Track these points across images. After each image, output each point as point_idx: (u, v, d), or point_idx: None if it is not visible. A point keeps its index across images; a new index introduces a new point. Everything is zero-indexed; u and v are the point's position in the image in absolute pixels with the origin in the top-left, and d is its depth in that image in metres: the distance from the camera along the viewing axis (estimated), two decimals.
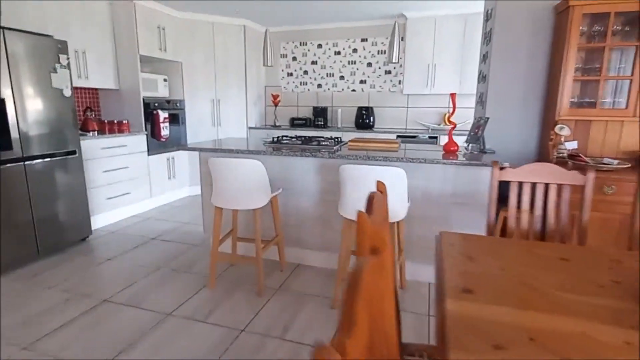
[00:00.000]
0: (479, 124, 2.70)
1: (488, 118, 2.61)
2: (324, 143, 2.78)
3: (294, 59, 5.24)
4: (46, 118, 2.85)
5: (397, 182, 2.04)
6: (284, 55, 5.28)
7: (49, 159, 2.89)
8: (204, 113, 4.79)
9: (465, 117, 4.65)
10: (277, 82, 5.39)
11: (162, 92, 4.44)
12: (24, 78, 2.68)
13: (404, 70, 4.58)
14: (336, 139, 3.04)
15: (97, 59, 3.78)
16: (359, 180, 2.06)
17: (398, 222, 2.19)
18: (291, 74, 5.29)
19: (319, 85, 5.19)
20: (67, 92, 3.01)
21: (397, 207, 2.07)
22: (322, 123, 5.00)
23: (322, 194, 2.68)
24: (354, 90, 5.06)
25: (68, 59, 2.99)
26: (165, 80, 4.47)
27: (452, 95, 2.37)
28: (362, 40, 4.89)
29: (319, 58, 5.12)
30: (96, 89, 4.17)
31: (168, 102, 4.38)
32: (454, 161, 2.17)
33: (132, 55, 3.95)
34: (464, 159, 2.23)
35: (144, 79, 4.11)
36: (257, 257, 2.36)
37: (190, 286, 2.49)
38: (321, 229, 2.75)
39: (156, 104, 4.23)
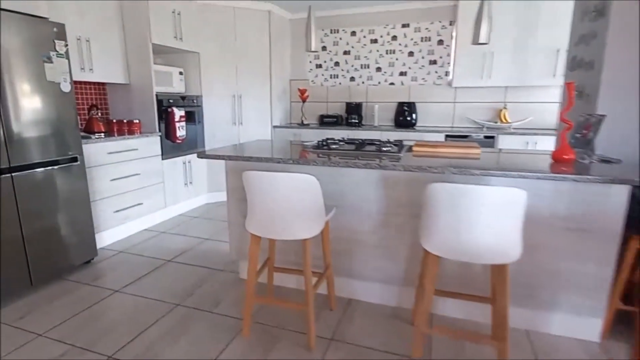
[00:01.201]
0: (588, 123, 2.07)
1: (603, 116, 1.99)
2: (385, 149, 2.19)
3: (324, 48, 4.64)
4: (39, 118, 2.32)
5: (513, 209, 1.44)
6: None
7: (43, 169, 2.36)
8: (223, 110, 4.24)
9: (524, 114, 4.01)
10: (304, 75, 4.80)
11: (178, 87, 3.90)
12: (11, 69, 2.15)
13: (454, 59, 3.96)
14: (397, 143, 2.44)
15: (102, 48, 3.24)
16: (462, 206, 1.46)
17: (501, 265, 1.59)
18: (320, 66, 4.70)
19: (352, 78, 4.59)
20: (66, 87, 2.48)
21: (511, 242, 1.48)
22: (356, 121, 4.40)
23: (384, 214, 2.10)
24: (392, 84, 4.44)
25: (66, 45, 2.45)
26: (180, 73, 3.92)
27: (569, 85, 1.76)
28: (403, 26, 4.27)
29: (352, 47, 4.51)
30: (103, 84, 3.64)
31: (183, 98, 3.84)
32: (588, 177, 1.56)
33: (143, 44, 3.41)
34: (586, 171, 1.62)
35: (157, 72, 3.57)
36: (306, 301, 1.79)
37: (218, 334, 1.93)
38: (380, 257, 2.17)
39: (171, 101, 3.69)
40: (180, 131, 3.72)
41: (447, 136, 3.89)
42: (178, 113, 3.67)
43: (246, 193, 1.79)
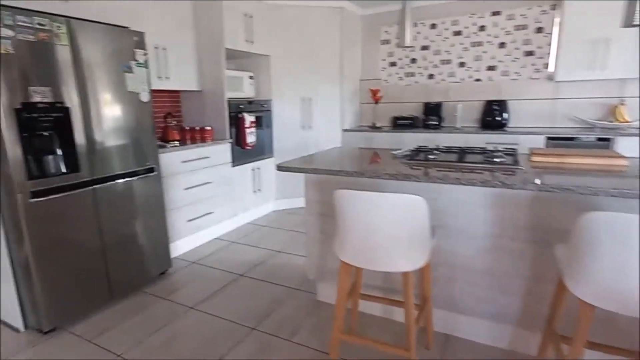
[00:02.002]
0: None
1: None
2: (497, 160, 1.80)
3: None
4: (120, 130, 2.28)
5: None
6: (386, 42, 4.35)
7: (122, 180, 2.32)
8: (293, 114, 4.07)
9: None
10: (376, 75, 4.48)
11: (248, 91, 3.80)
12: (94, 80, 2.11)
13: (556, 49, 3.38)
14: (511, 152, 2.04)
15: (178, 55, 3.21)
16: (634, 244, 1.07)
17: None
18: (394, 64, 4.35)
19: (431, 76, 4.17)
20: (145, 97, 2.43)
21: None
22: (436, 123, 3.98)
23: (495, 237, 1.73)
24: (478, 80, 3.95)
25: (146, 54, 2.40)
26: (251, 77, 3.82)
27: None
28: (494, 13, 3.77)
29: (432, 42, 4.10)
30: (177, 92, 3.65)
31: (250, 102, 3.72)
32: None
33: (216, 49, 3.33)
34: None
35: (228, 77, 3.49)
36: (408, 344, 1.48)
37: None
38: (488, 288, 1.79)
39: (241, 106, 3.59)
40: (251, 137, 3.61)
41: (548, 138, 3.33)
42: (248, 119, 3.56)
43: (336, 213, 1.53)
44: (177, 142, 3.12)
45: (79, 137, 2.06)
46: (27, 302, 2.02)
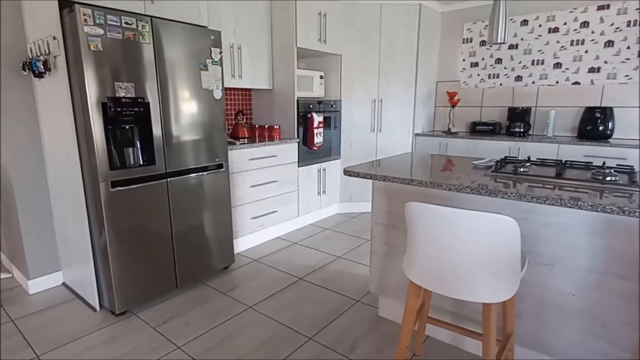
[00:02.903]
0: None
1: None
2: (609, 179, 1.50)
3: (483, 43, 3.93)
4: (194, 126, 2.34)
5: None
6: (468, 40, 4.02)
7: (193, 175, 2.38)
8: (362, 116, 3.93)
9: None
10: (455, 76, 4.16)
11: (317, 91, 3.74)
12: (173, 77, 2.19)
13: None
14: (627, 170, 1.70)
15: (252, 54, 3.26)
16: None
17: None
18: (476, 64, 4.00)
19: (518, 78, 3.76)
20: (218, 94, 2.47)
21: None
22: (522, 130, 3.58)
23: (598, 273, 1.43)
24: (576, 83, 3.47)
25: (221, 52, 2.44)
26: (321, 77, 3.76)
27: None
28: (600, 8, 3.27)
29: (521, 39, 3.69)
30: (249, 90, 3.72)
31: (319, 102, 3.65)
32: None
33: (288, 48, 3.32)
34: None
35: (299, 77, 3.46)
36: None
37: None
38: (586, 332, 1.50)
39: (310, 106, 3.54)
40: (318, 138, 3.55)
41: None
42: (317, 119, 3.50)
43: (407, 227, 1.37)
44: (246, 140, 3.16)
45: (156, 132, 2.15)
46: (103, 284, 2.15)
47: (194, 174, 2.39)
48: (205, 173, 2.46)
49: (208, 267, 2.57)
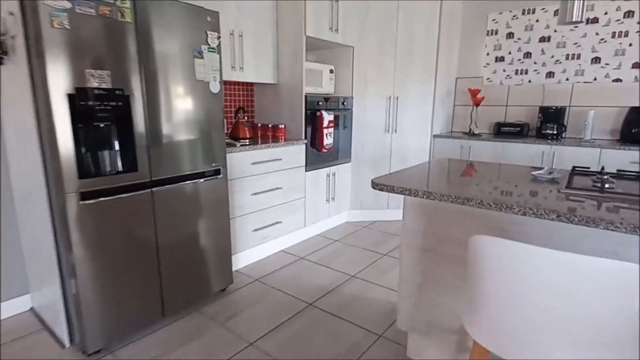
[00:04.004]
0: None
1: None
2: None
3: (510, 35, 3.56)
4: (185, 125, 1.96)
5: None
6: (492, 32, 3.65)
7: (184, 183, 2.00)
8: (375, 114, 3.56)
9: None
10: (477, 72, 3.79)
11: (327, 87, 3.37)
12: (159, 65, 1.80)
13: None
14: None
15: (255, 43, 2.88)
16: None
17: None
18: (502, 59, 3.62)
19: (550, 74, 3.39)
20: (215, 87, 2.09)
21: None
22: (554, 133, 3.21)
23: None
24: (617, 80, 3.10)
25: (219, 38, 2.06)
26: (331, 71, 3.38)
27: None
28: None
29: (554, 31, 3.32)
30: (251, 84, 3.33)
31: (326, 99, 3.26)
32: None
33: (296, 38, 2.94)
34: None
35: (307, 70, 3.08)
36: None
37: None
38: None
39: (320, 103, 3.16)
40: (328, 139, 3.17)
41: None
42: (327, 117, 3.12)
43: (472, 266, 0.99)
44: (248, 141, 2.78)
45: (139, 132, 1.76)
46: (73, 315, 1.77)
47: (186, 182, 2.01)
48: (199, 181, 2.08)
49: (202, 291, 2.19)
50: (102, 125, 1.62)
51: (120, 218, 1.74)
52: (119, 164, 1.70)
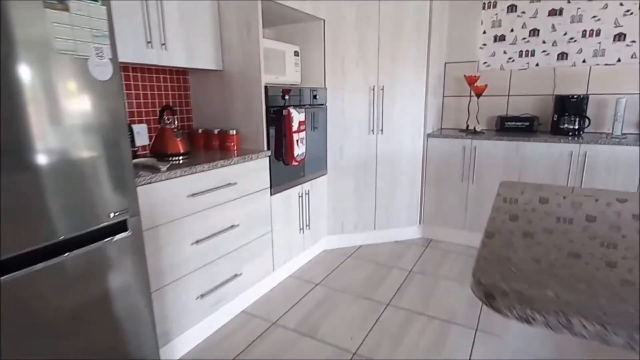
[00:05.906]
0: None
1: None
2: None
3: (512, 8, 2.89)
4: (44, 145, 0.98)
5: None
6: (490, 5, 2.97)
7: (51, 262, 1.02)
8: (356, 111, 2.72)
9: None
10: (471, 55, 3.10)
11: (292, 75, 2.47)
12: None
13: None
14: None
15: (183, 9, 1.89)
16: None
17: None
18: (502, 38, 2.96)
19: (562, 56, 2.78)
20: (102, 69, 1.12)
21: None
22: (575, 127, 2.60)
23: None
24: None
25: None
26: (296, 54, 2.49)
27: None
28: None
29: (568, 2, 2.71)
30: (184, 72, 2.33)
31: (294, 93, 2.38)
32: None
33: (247, 5, 2.01)
34: None
35: (266, 51, 2.17)
36: None
37: None
38: None
39: (285, 97, 2.26)
40: (300, 147, 2.28)
41: None
42: (297, 117, 2.23)
43: None
44: (181, 158, 1.81)
45: None
46: None
47: (51, 261, 1.03)
48: (78, 252, 1.10)
49: None
50: None
51: None
52: None
